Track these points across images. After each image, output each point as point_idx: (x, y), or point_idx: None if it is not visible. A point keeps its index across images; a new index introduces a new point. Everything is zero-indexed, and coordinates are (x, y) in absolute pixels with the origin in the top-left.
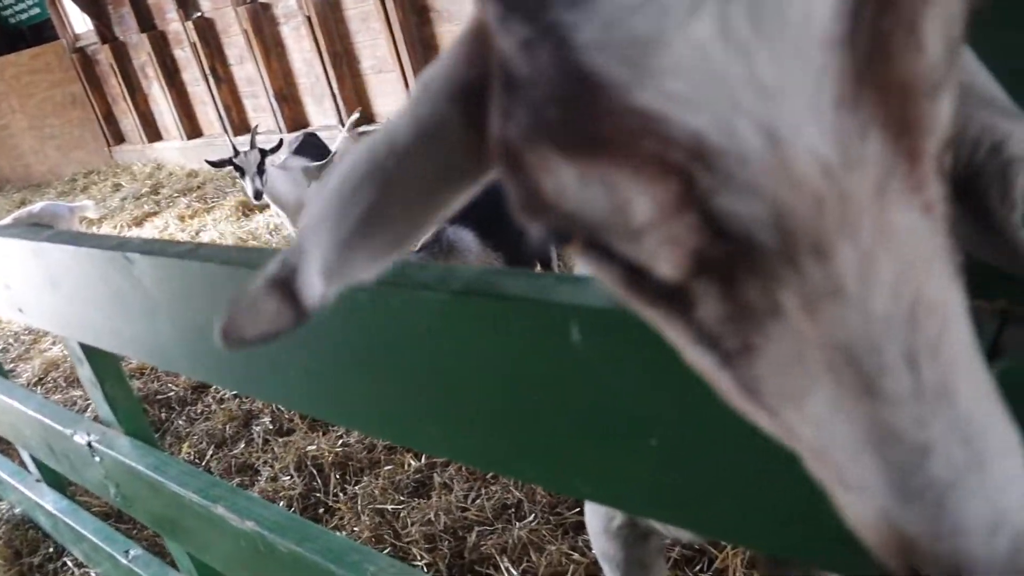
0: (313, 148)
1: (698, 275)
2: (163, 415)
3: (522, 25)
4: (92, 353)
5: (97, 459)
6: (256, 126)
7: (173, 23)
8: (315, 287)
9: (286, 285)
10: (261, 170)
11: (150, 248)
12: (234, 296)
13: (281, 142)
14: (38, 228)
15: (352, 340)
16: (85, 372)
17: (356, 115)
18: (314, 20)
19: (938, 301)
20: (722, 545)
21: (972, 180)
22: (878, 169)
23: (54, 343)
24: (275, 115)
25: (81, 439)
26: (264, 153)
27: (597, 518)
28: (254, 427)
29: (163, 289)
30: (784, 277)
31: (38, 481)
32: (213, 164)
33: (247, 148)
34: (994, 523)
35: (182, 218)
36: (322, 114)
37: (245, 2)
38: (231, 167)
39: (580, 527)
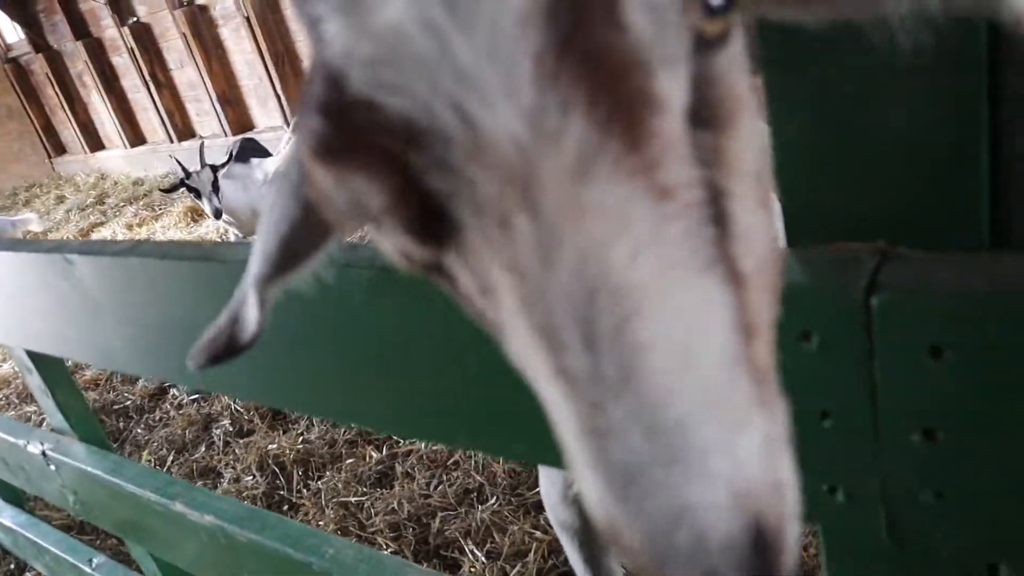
0: (253, 152)
1: (442, 252)
2: (121, 425)
3: (307, 25)
4: (40, 361)
5: (53, 468)
6: (203, 142)
7: (109, 29)
8: (251, 303)
9: (236, 321)
10: (216, 188)
11: (89, 249)
12: (206, 334)
13: (231, 156)
14: None
15: (292, 323)
16: (35, 381)
17: None
18: (253, 21)
19: (632, 287)
20: None
21: None
22: (579, 146)
23: (4, 360)
24: (219, 119)
25: (35, 449)
26: (216, 170)
27: (555, 488)
28: (214, 430)
29: (105, 288)
30: (486, 252)
31: None
32: (165, 191)
33: (197, 167)
34: (675, 517)
35: (130, 227)
36: (267, 115)
37: (182, 5)
38: (184, 188)
39: (541, 506)
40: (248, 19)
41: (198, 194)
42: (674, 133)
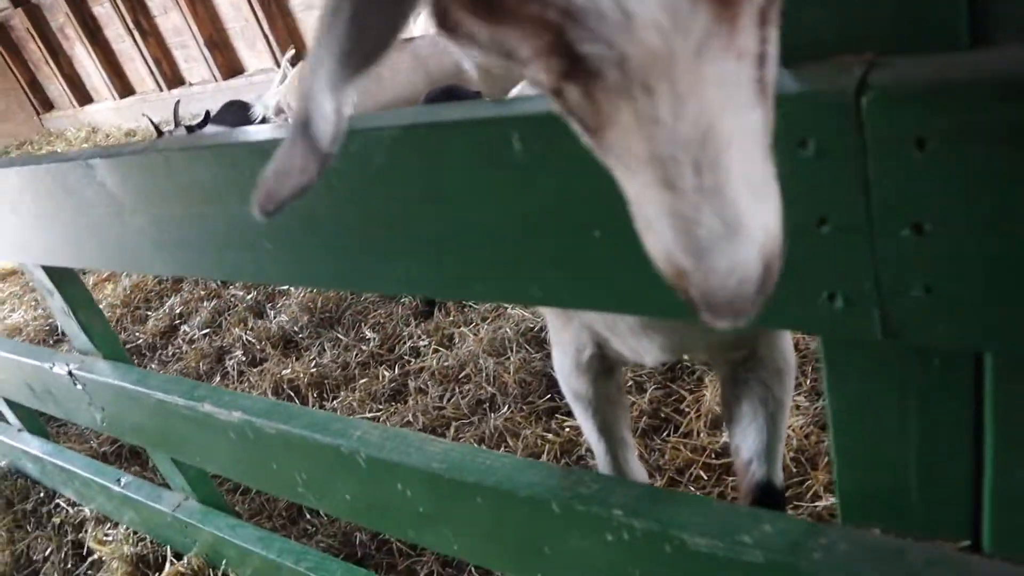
0: (235, 116)
1: (567, 82)
2: (135, 363)
3: None
4: (61, 281)
5: (80, 387)
6: (178, 101)
7: None
8: (326, 110)
9: (305, 131)
10: None
11: (109, 152)
12: (264, 171)
13: (207, 115)
14: None
15: (317, 197)
16: (56, 303)
17: (291, 52)
18: None
19: (725, 131)
20: (686, 412)
21: None
22: (701, 34)
23: (13, 310)
24: (208, 64)
25: (61, 369)
26: (191, 130)
27: (567, 357)
28: (227, 361)
29: (127, 188)
30: (622, 99)
31: (20, 431)
32: None
33: (171, 127)
34: (730, 269)
35: None
36: (256, 58)
37: None
38: None
39: (551, 412)
40: None
41: None
42: (753, 12)
